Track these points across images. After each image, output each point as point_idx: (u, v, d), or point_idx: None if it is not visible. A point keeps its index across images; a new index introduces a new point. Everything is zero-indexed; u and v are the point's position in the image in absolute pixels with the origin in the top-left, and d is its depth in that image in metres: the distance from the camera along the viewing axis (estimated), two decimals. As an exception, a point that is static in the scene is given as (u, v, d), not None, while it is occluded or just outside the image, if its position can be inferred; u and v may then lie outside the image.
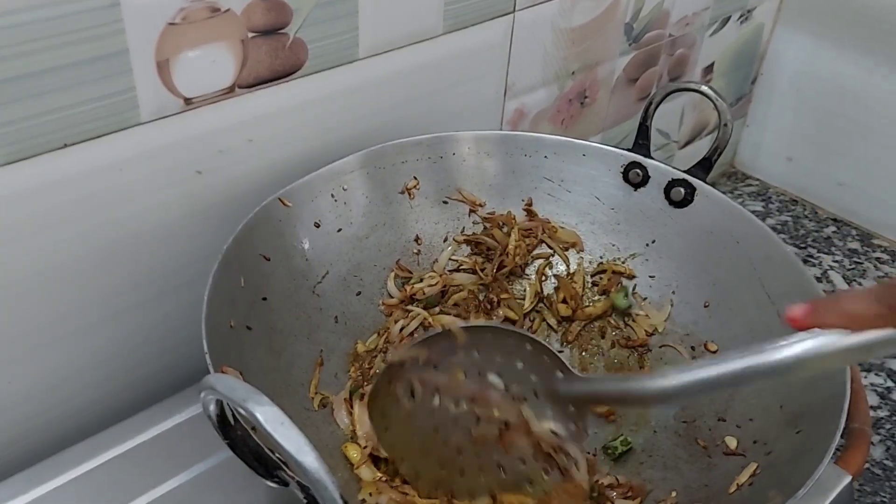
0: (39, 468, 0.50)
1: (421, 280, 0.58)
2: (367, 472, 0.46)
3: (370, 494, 0.44)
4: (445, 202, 0.62)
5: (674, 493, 0.46)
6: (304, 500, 0.35)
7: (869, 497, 0.71)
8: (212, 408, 0.34)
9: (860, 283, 0.97)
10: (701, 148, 1.08)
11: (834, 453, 0.55)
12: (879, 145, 1.01)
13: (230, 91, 0.52)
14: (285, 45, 0.53)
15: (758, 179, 1.15)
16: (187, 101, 0.50)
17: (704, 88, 0.57)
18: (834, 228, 1.08)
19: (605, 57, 0.81)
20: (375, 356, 0.55)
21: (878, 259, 1.02)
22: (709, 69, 0.98)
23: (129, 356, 0.56)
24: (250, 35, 0.51)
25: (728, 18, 0.95)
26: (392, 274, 0.59)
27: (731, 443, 0.48)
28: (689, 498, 0.46)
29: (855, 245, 1.05)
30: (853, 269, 1.00)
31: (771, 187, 1.14)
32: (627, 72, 0.85)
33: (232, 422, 0.36)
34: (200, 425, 0.53)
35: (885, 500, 0.71)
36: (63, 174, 0.47)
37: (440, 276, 0.59)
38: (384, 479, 0.47)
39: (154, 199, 0.52)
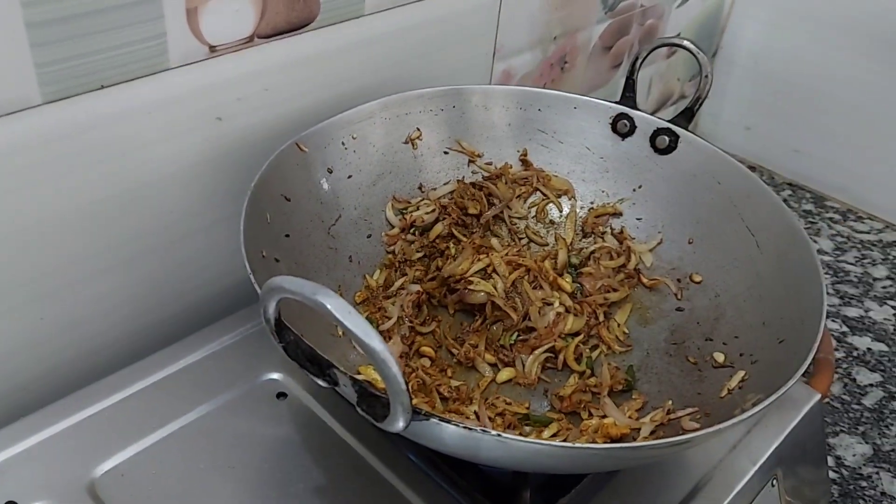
0: (71, 399, 0.52)
1: (418, 208, 0.62)
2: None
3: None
4: (446, 152, 0.65)
5: (669, 402, 0.51)
6: (356, 397, 0.39)
7: (830, 427, 0.78)
8: (272, 310, 0.38)
9: (815, 241, 1.04)
10: (666, 117, 1.14)
11: (804, 376, 0.61)
12: (832, 114, 1.09)
13: (250, 40, 0.55)
14: (301, -2, 0.56)
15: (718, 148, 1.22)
16: (211, 48, 0.53)
17: (686, 43, 0.62)
18: (790, 192, 1.15)
19: (584, 23, 0.86)
20: (388, 297, 0.59)
21: (830, 219, 1.10)
22: (675, 40, 1.04)
23: (154, 295, 0.59)
24: (270, -13, 0.54)
25: (694, -9, 1.01)
26: (390, 204, 0.62)
27: (719, 357, 0.53)
28: (683, 404, 0.51)
29: (809, 207, 1.12)
30: (808, 228, 1.07)
31: (731, 155, 1.20)
32: (603, 39, 0.90)
33: (284, 328, 0.40)
34: (223, 359, 0.56)
35: (843, 429, 0.78)
36: (99, 115, 0.49)
37: (435, 202, 0.62)
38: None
39: (178, 144, 0.55)
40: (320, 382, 0.40)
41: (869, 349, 0.88)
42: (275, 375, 0.55)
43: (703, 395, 0.51)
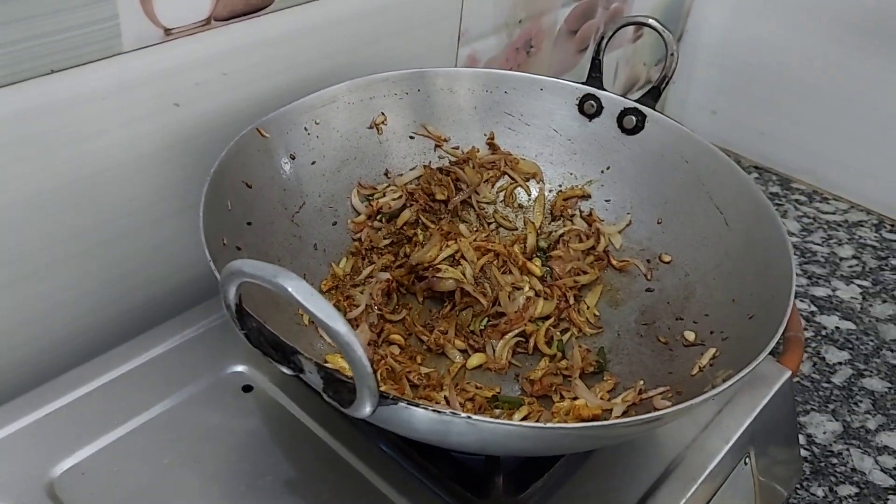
0: (29, 396, 0.50)
1: (384, 195, 0.61)
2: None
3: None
4: (412, 137, 0.64)
5: (641, 382, 0.51)
6: (322, 383, 0.38)
7: (801, 406, 0.78)
8: (232, 295, 0.36)
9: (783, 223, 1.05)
10: (633, 101, 1.14)
11: (775, 354, 0.61)
12: (797, 96, 1.10)
13: (207, 23, 0.54)
14: (258, -21, 0.55)
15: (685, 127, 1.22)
16: (167, 31, 0.52)
17: (651, 21, 0.62)
18: (756, 175, 1.16)
19: (549, 7, 0.85)
20: (355, 286, 0.58)
21: (797, 201, 1.11)
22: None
23: (115, 287, 0.57)
24: (226, -32, 0.53)
25: (658, -26, 1.01)
26: (355, 190, 0.61)
27: (690, 336, 0.52)
28: (654, 384, 0.50)
29: (776, 189, 1.13)
30: (775, 209, 1.08)
31: (698, 139, 1.21)
32: (568, 23, 0.90)
33: (246, 315, 0.38)
34: (187, 352, 0.55)
35: (814, 407, 0.78)
36: (50, 100, 0.48)
37: (401, 188, 0.61)
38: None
39: (135, 130, 0.53)
40: (285, 370, 0.39)
41: (837, 328, 0.88)
42: (240, 368, 0.54)
43: (674, 374, 0.50)
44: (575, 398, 0.49)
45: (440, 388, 0.50)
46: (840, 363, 0.84)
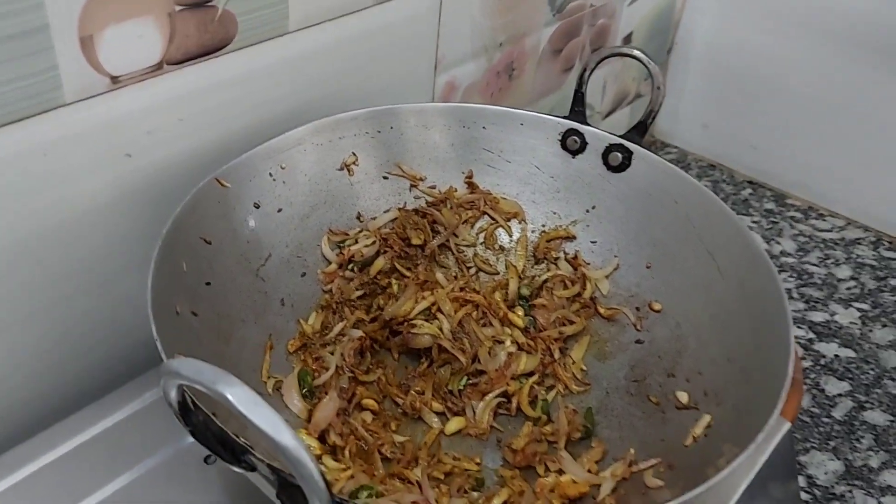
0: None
1: (356, 241, 0.57)
2: (330, 462, 0.45)
3: (336, 480, 0.43)
4: (386, 177, 0.61)
5: (631, 450, 0.47)
6: (274, 484, 0.34)
7: (800, 444, 0.75)
8: (173, 394, 0.33)
9: (778, 242, 1.02)
10: (623, 117, 1.11)
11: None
12: (789, 107, 1.06)
13: (158, 68, 0.50)
14: (214, 18, 0.51)
15: (676, 147, 1.19)
16: (114, 79, 0.48)
17: (637, 53, 0.58)
18: (750, 191, 1.12)
19: (530, 28, 0.81)
20: (325, 345, 0.54)
21: (792, 217, 1.07)
22: (627, 39, 1.00)
23: (59, 353, 0.53)
24: (178, 8, 0.49)
25: (645, -12, 0.97)
26: (326, 237, 0.57)
27: (683, 397, 0.49)
28: (646, 453, 0.47)
29: (770, 205, 1.09)
30: (770, 228, 1.05)
31: (689, 154, 1.17)
32: (552, 43, 0.86)
33: (192, 408, 0.35)
34: (147, 418, 0.51)
35: (815, 445, 0.75)
36: (-17, 161, 0.44)
37: (375, 233, 0.58)
38: (345, 468, 0.46)
39: (82, 185, 0.49)
40: (236, 469, 0.35)
41: (836, 356, 0.85)
42: (202, 436, 0.50)
43: (666, 442, 0.47)
44: (561, 471, 0.46)
45: (415, 462, 0.46)
46: (840, 395, 0.80)
